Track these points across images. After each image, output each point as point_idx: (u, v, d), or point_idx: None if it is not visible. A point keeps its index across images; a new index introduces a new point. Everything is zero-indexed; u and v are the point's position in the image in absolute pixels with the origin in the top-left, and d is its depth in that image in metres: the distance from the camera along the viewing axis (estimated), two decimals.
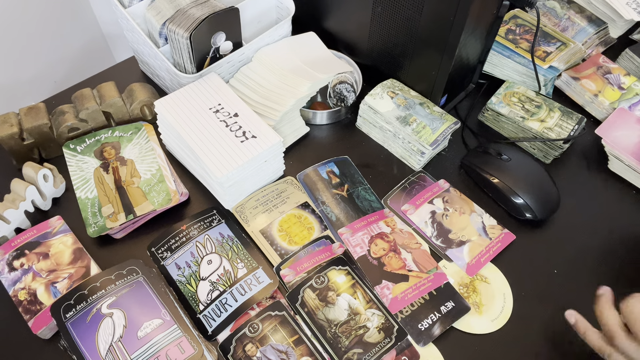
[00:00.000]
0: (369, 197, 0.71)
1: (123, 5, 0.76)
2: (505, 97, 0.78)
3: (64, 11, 1.06)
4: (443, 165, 0.76)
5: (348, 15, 0.80)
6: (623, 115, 0.77)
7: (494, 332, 0.60)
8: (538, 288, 0.63)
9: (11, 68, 1.02)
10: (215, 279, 0.61)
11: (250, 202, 0.69)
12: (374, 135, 0.78)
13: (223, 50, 0.77)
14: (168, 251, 0.64)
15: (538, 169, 0.71)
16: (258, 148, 0.65)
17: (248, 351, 0.56)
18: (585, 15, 0.91)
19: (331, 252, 0.65)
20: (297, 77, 0.76)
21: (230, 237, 0.65)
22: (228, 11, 0.72)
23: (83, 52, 1.15)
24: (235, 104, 0.70)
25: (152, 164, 0.70)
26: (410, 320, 0.60)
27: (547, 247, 0.67)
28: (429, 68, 0.73)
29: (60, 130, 0.71)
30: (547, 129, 0.74)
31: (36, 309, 0.57)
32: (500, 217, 0.70)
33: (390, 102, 0.75)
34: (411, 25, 0.71)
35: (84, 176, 0.69)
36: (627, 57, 0.87)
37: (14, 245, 0.62)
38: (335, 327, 0.58)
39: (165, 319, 0.56)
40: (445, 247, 0.66)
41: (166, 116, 0.68)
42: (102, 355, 0.53)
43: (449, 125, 0.73)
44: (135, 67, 0.88)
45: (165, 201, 0.66)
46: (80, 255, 0.62)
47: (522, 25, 0.86)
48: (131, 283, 0.58)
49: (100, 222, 0.64)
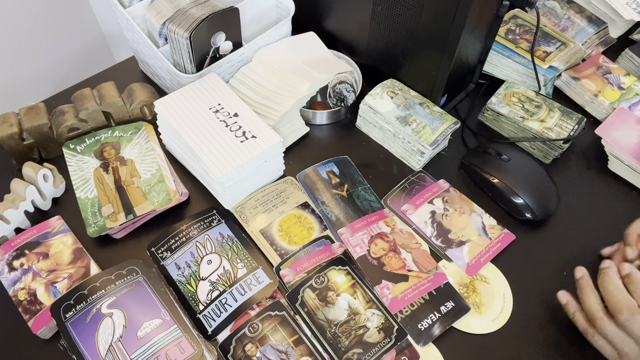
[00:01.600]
0: (368, 197, 0.71)
1: (123, 5, 0.76)
2: (505, 97, 0.78)
3: (64, 11, 1.06)
4: (443, 165, 0.76)
5: (348, 15, 0.80)
6: (623, 115, 0.77)
7: (493, 332, 0.60)
8: (538, 288, 0.63)
9: (11, 68, 1.02)
10: (215, 279, 0.61)
11: (250, 202, 0.69)
12: (374, 135, 0.78)
13: (223, 50, 0.77)
14: (168, 251, 0.64)
15: (538, 169, 0.71)
16: (258, 148, 0.65)
17: (248, 351, 0.56)
18: (585, 15, 0.91)
19: (331, 252, 0.65)
20: (297, 77, 0.76)
21: (230, 237, 0.65)
22: (228, 11, 0.72)
23: (83, 52, 1.15)
24: (235, 104, 0.70)
25: (152, 164, 0.70)
26: (410, 320, 0.60)
27: (547, 247, 0.67)
28: (429, 68, 0.73)
29: (60, 130, 0.71)
30: (547, 129, 0.74)
31: (36, 308, 0.57)
32: (500, 217, 0.70)
33: (390, 102, 0.75)
34: (411, 25, 0.71)
35: (83, 176, 0.69)
36: (627, 57, 0.87)
37: (13, 245, 0.62)
38: (335, 327, 0.58)
39: (165, 319, 0.56)
40: (445, 247, 0.66)
41: (166, 116, 0.68)
42: (101, 355, 0.53)
43: (449, 125, 0.73)
44: (135, 67, 0.88)
45: (165, 201, 0.66)
46: (80, 255, 0.62)
47: (522, 25, 0.86)
48: (131, 283, 0.58)
49: (100, 222, 0.64)
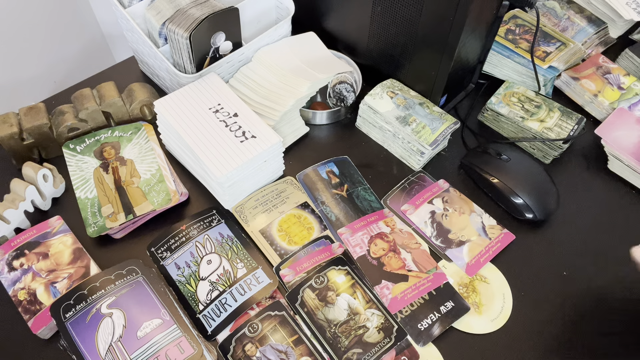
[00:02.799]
0: (368, 197, 0.71)
1: (123, 5, 0.76)
2: (505, 97, 0.78)
3: (64, 11, 1.06)
4: (443, 165, 0.76)
5: (348, 15, 0.80)
6: (623, 115, 0.77)
7: (493, 332, 0.60)
8: (538, 288, 0.63)
9: (11, 68, 1.02)
10: (214, 279, 0.61)
11: (250, 202, 0.69)
12: (374, 135, 0.78)
13: (223, 50, 0.77)
14: (168, 251, 0.64)
15: (538, 169, 0.71)
16: (258, 148, 0.65)
17: (247, 351, 0.56)
18: (585, 15, 0.91)
19: (331, 252, 0.65)
20: (297, 77, 0.76)
21: (230, 237, 0.65)
22: (228, 11, 0.72)
23: (83, 52, 1.15)
24: (235, 104, 0.70)
25: (152, 164, 0.70)
26: (410, 320, 0.60)
27: (547, 247, 0.67)
28: (429, 68, 0.73)
29: (60, 130, 0.71)
30: (546, 129, 0.74)
31: (36, 308, 0.57)
32: (500, 217, 0.70)
33: (389, 102, 0.75)
34: (411, 25, 0.70)
35: (83, 176, 0.69)
36: (627, 57, 0.87)
37: (13, 245, 0.62)
38: (335, 327, 0.58)
39: (165, 318, 0.56)
40: (444, 247, 0.66)
41: (166, 116, 0.68)
42: (101, 355, 0.53)
43: (449, 125, 0.73)
44: (135, 67, 0.88)
45: (164, 201, 0.66)
46: (79, 255, 0.62)
47: (522, 25, 0.86)
48: (131, 283, 0.58)
49: (100, 222, 0.64)
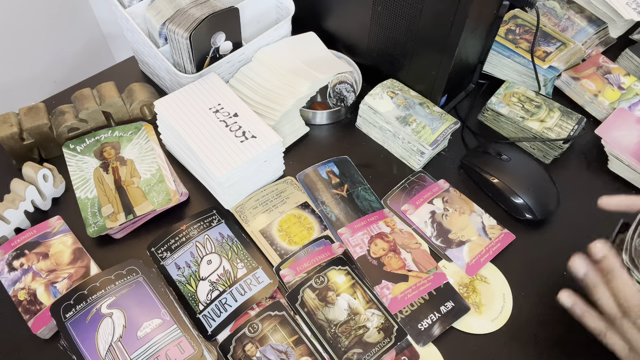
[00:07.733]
0: (368, 197, 0.71)
1: (123, 5, 0.76)
2: (505, 97, 0.78)
3: (64, 11, 1.06)
4: (443, 165, 0.76)
5: (348, 15, 0.80)
6: (623, 115, 0.77)
7: (493, 332, 0.60)
8: (538, 288, 0.63)
9: (11, 68, 1.02)
10: (215, 279, 0.61)
11: (250, 202, 0.69)
12: (374, 135, 0.78)
13: (223, 50, 0.76)
14: (168, 251, 0.64)
15: (538, 169, 0.71)
16: (258, 148, 0.65)
17: (248, 351, 0.56)
18: (585, 15, 0.91)
19: (331, 252, 0.65)
20: (297, 77, 0.76)
21: (230, 237, 0.65)
22: (228, 11, 0.72)
23: (83, 52, 1.15)
24: (235, 104, 0.70)
25: (152, 164, 0.70)
26: (410, 320, 0.60)
27: (547, 247, 0.67)
28: (429, 68, 0.73)
29: (60, 130, 0.71)
30: (546, 129, 0.74)
31: (36, 309, 0.57)
32: (500, 217, 0.70)
33: (390, 102, 0.75)
34: (411, 25, 0.70)
35: (83, 176, 0.69)
36: (627, 57, 0.87)
37: (13, 245, 0.62)
38: (335, 327, 0.58)
39: (165, 319, 0.56)
40: (445, 247, 0.66)
41: (166, 116, 0.68)
42: (101, 355, 0.53)
43: (449, 125, 0.73)
44: (135, 67, 0.88)
45: (165, 201, 0.66)
46: (80, 255, 0.62)
47: (522, 25, 0.86)
48: (131, 283, 0.58)
49: (100, 222, 0.64)
